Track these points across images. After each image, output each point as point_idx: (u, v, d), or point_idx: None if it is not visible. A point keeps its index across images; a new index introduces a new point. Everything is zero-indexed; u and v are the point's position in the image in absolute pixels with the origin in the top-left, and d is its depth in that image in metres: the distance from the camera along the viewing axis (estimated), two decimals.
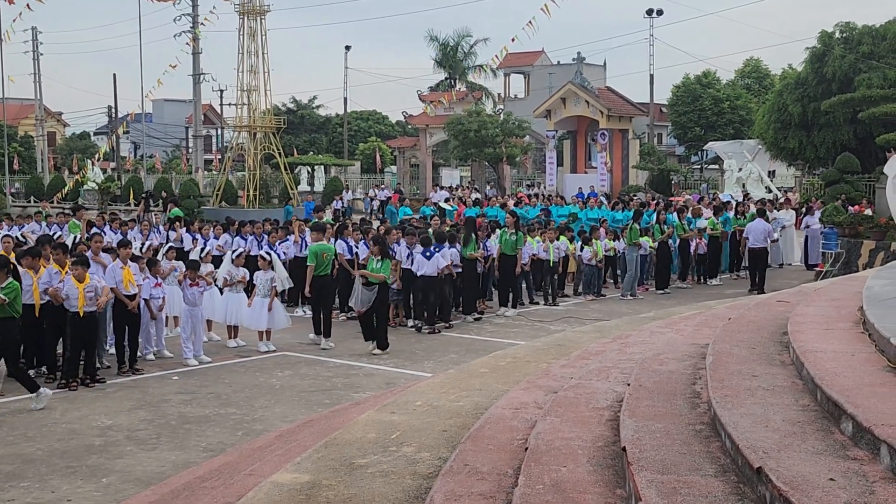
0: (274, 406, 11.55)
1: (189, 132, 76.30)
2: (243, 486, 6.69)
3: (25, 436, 10.19)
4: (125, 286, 13.16)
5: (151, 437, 10.17)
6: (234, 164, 50.53)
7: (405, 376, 13.07)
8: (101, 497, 8.29)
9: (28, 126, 75.93)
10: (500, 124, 46.33)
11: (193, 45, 55.04)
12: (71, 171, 62.86)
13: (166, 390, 12.36)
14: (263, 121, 44.58)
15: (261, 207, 42.16)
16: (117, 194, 50.04)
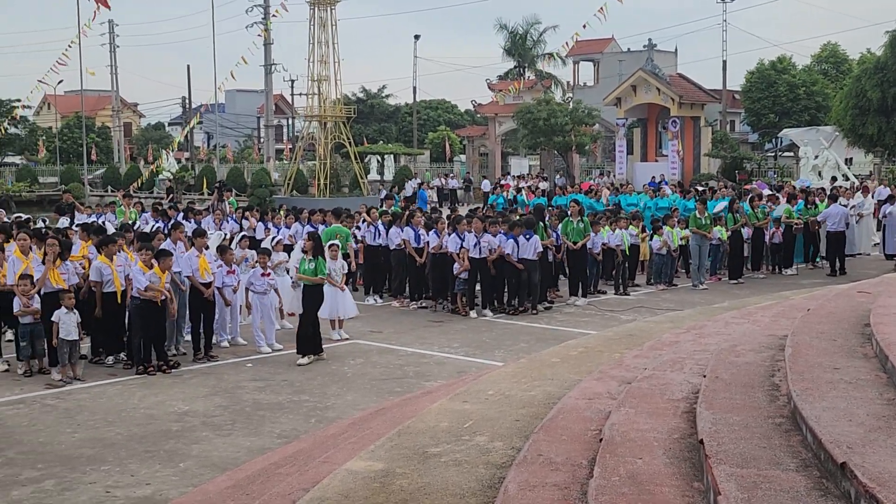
0: (346, 394, 11.65)
1: (261, 122, 77.24)
2: (318, 472, 6.74)
3: (105, 420, 10.43)
4: (201, 274, 13.37)
5: (227, 423, 10.33)
6: (305, 154, 50.99)
7: (475, 365, 13.07)
8: (179, 481, 8.44)
9: (105, 117, 77.62)
10: (570, 112, 45.98)
11: (265, 35, 55.65)
12: (146, 160, 64.06)
13: (241, 377, 12.54)
14: (334, 110, 44.88)
15: (331, 196, 42.49)
16: (191, 184, 50.86)
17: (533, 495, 5.12)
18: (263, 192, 43.40)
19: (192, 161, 63.59)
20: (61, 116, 76.10)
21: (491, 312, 17.28)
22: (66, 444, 9.56)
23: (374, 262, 19.42)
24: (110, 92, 69.49)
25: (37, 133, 75.82)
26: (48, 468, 8.82)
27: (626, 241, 20.18)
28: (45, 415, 10.71)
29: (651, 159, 48.50)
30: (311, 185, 46.57)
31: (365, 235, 19.49)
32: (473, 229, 17.32)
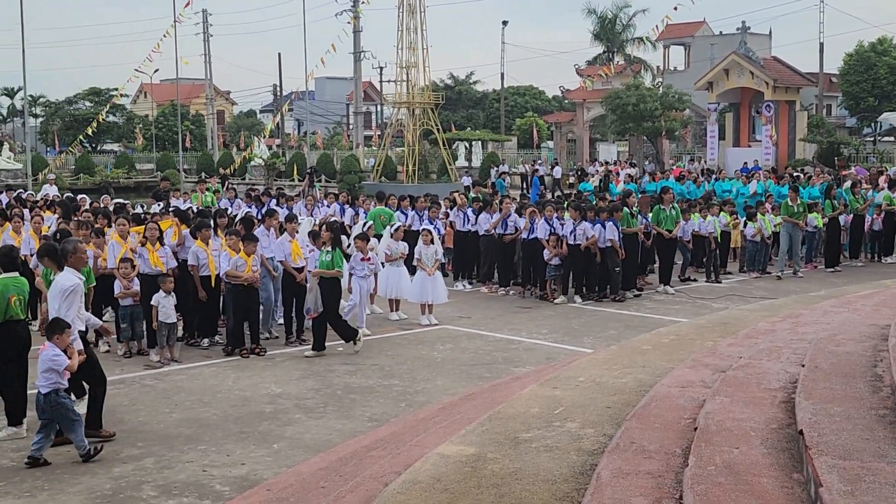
0: (435, 378, 11.72)
1: (350, 109, 77.97)
2: (409, 456, 6.81)
3: (202, 401, 10.68)
4: (294, 259, 13.58)
5: (319, 406, 10.48)
6: (394, 140, 51.32)
7: (564, 352, 13.01)
8: (273, 462, 8.60)
9: (199, 105, 79.23)
10: (660, 97, 45.31)
11: (354, 23, 56.10)
12: (238, 147, 65.24)
13: (332, 361, 12.71)
14: (422, 97, 45.07)
15: (419, 182, 42.72)
16: (282, 170, 51.65)
17: (626, 482, 5.08)
18: (353, 178, 43.87)
19: (283, 148, 64.54)
20: (157, 105, 77.91)
21: (580, 299, 17.19)
22: (165, 424, 9.83)
23: (464, 248, 19.48)
24: (204, 80, 70.87)
25: (134, 121, 77.83)
26: (148, 446, 9.08)
27: (717, 229, 19.84)
28: (145, 395, 11.02)
29: (744, 145, 47.50)
30: (399, 172, 46.88)
31: (454, 221, 19.58)
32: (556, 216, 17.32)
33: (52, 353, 8.60)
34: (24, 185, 38.03)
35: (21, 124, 74.33)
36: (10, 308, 9.38)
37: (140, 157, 64.92)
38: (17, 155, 53.91)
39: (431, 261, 15.56)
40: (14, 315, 9.43)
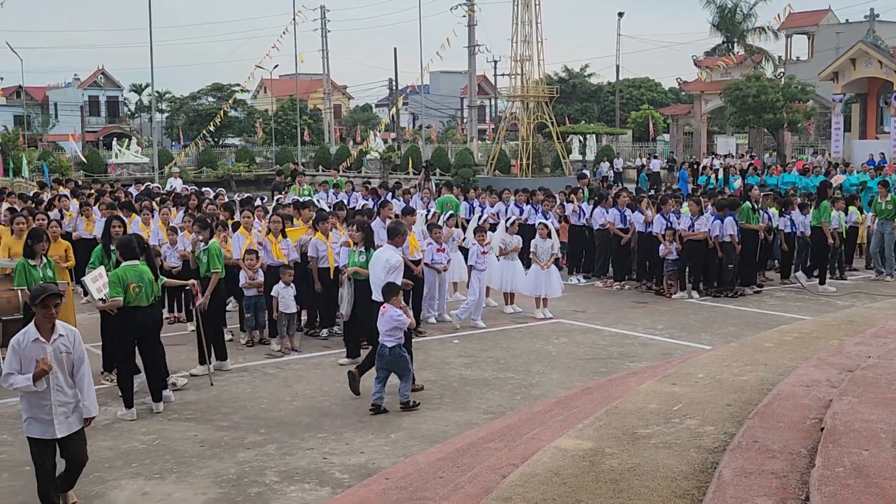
0: (550, 372, 11.71)
1: (464, 103, 78.26)
2: (526, 449, 6.83)
3: (321, 390, 10.93)
4: (411, 251, 13.74)
5: (435, 397, 10.60)
6: (508, 134, 51.29)
7: (681, 348, 12.84)
8: (390, 451, 8.75)
9: (316, 100, 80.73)
10: (782, 89, 44.08)
11: (469, 17, 56.29)
12: (355, 141, 66.24)
13: (447, 353, 12.83)
14: (536, 90, 44.92)
15: (533, 176, 42.61)
16: (397, 163, 52.21)
17: (749, 482, 5.00)
18: (467, 171, 44.06)
19: (399, 141, 65.22)
20: (276, 99, 79.70)
21: (698, 295, 16.92)
22: (286, 412, 10.10)
23: (579, 242, 19.39)
24: (321, 75, 72.25)
25: (254, 116, 79.85)
26: (270, 433, 9.34)
27: (842, 224, 19.19)
28: (266, 383, 11.34)
29: (871, 137, 45.87)
30: (513, 165, 46.85)
31: (569, 215, 19.51)
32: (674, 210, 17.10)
33: (395, 313, 10.03)
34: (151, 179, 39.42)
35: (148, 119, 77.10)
36: (129, 295, 9.87)
37: (260, 150, 66.53)
38: (145, 149, 55.94)
39: (547, 255, 15.54)
40: (132, 302, 9.87)
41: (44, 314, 6.96)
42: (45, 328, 7.00)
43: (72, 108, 78.76)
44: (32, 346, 6.92)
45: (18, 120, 69.15)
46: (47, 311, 6.96)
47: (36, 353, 6.88)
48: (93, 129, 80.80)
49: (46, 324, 7.01)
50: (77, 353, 7.11)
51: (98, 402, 10.14)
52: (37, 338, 6.96)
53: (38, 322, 7.02)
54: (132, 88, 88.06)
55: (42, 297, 6.93)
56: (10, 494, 7.81)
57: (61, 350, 7.00)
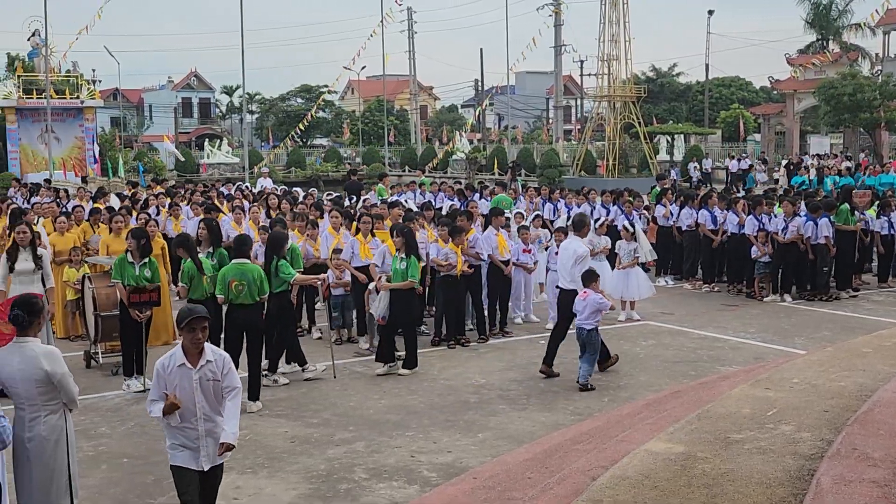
0: (638, 374, 11.59)
1: (550, 103, 77.93)
2: (616, 451, 6.77)
3: (409, 389, 11.00)
4: (500, 252, 13.74)
5: (522, 398, 10.59)
6: (594, 134, 50.91)
7: (774, 352, 12.58)
8: (478, 451, 8.77)
9: (403, 100, 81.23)
10: (879, 87, 42.82)
11: (555, 16, 56.00)
12: (441, 141, 66.48)
13: (534, 353, 12.78)
14: (624, 90, 44.52)
15: (619, 177, 42.23)
16: (483, 164, 52.25)
17: (849, 490, 4.87)
18: (552, 172, 43.89)
19: (484, 142, 65.27)
20: (363, 100, 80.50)
21: (790, 298, 16.55)
22: (374, 410, 10.19)
23: (666, 244, 19.14)
24: (408, 76, 72.63)
25: (342, 116, 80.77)
26: (358, 430, 9.44)
27: None
28: (355, 381, 11.46)
29: None
30: (599, 166, 46.49)
31: (658, 216, 19.28)
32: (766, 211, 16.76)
33: (597, 297, 11.06)
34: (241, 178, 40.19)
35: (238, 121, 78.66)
36: (231, 293, 10.11)
37: (347, 151, 67.25)
38: (235, 149, 57.04)
39: (629, 257, 15.38)
40: (235, 300, 10.08)
41: (190, 339, 6.36)
42: (192, 353, 6.40)
43: (165, 110, 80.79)
44: (178, 372, 6.34)
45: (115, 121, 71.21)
46: (193, 336, 6.34)
47: (182, 379, 6.32)
48: (185, 130, 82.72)
49: (193, 349, 6.40)
50: (227, 380, 6.46)
51: None
52: (183, 363, 6.36)
53: (184, 346, 6.42)
54: (223, 90, 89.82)
55: (188, 319, 6.34)
56: (109, 485, 8.04)
57: (208, 377, 6.39)
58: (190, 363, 6.37)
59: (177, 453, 6.47)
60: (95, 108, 44.66)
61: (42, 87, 40.44)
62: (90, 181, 35.52)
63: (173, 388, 6.30)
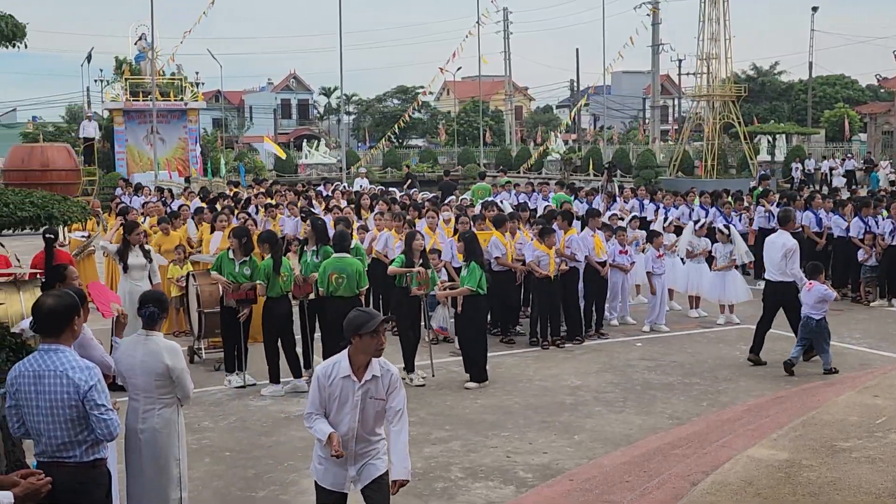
0: (738, 379, 11.37)
1: (646, 103, 76.97)
2: (717, 457, 6.68)
3: (504, 389, 11.00)
4: (597, 253, 13.64)
5: (618, 400, 10.49)
6: (692, 134, 50.08)
7: (882, 358, 12.22)
8: (574, 452, 8.72)
9: (498, 101, 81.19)
10: None
11: (653, 15, 55.29)
12: (535, 142, 66.25)
13: (630, 356, 12.66)
14: (723, 89, 43.68)
15: (718, 178, 41.43)
16: (578, 164, 51.88)
17: None
18: (649, 173, 43.33)
19: (579, 142, 64.83)
20: (459, 101, 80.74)
21: None
22: (470, 409, 10.22)
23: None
24: (503, 77, 72.59)
25: (437, 117, 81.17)
26: (454, 430, 9.48)
27: None
28: (451, 380, 11.49)
29: None
30: (696, 167, 45.71)
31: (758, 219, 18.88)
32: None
33: (822, 288, 11.55)
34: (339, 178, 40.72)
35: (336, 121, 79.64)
36: (330, 285, 10.52)
37: (442, 151, 67.54)
38: (333, 150, 57.82)
39: (725, 259, 15.09)
40: (335, 292, 10.47)
41: (375, 344, 5.59)
42: (359, 363, 5.64)
43: (265, 111, 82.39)
44: (340, 384, 5.65)
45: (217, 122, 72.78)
46: (377, 342, 5.59)
47: (343, 392, 5.63)
48: (284, 131, 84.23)
49: (363, 358, 5.63)
50: (393, 400, 5.72)
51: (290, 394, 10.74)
52: (348, 374, 5.63)
53: (352, 353, 5.64)
54: (321, 91, 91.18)
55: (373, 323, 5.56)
56: (212, 478, 8.24)
57: (371, 394, 5.68)
58: (356, 375, 5.65)
59: (321, 472, 5.87)
60: (198, 109, 45.74)
61: (148, 89, 41.60)
62: (193, 181, 36.44)
63: (332, 401, 5.67)
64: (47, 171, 19.99)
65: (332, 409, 5.67)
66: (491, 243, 13.74)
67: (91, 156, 39.82)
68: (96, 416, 5.05)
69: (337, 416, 5.66)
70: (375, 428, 5.78)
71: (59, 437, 5.10)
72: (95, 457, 5.21)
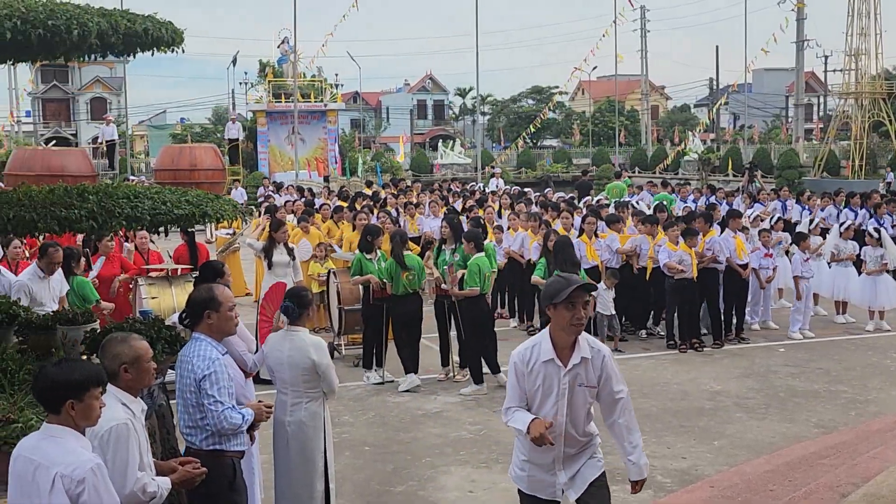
0: (889, 388, 10.92)
1: (789, 101, 74.58)
2: (867, 468, 6.45)
3: (641, 392, 10.86)
4: (738, 255, 13.32)
5: (760, 407, 10.22)
6: (838, 133, 48.29)
7: None
8: (713, 458, 8.54)
9: (634, 100, 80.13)
10: None
11: (798, 10, 53.50)
12: (672, 142, 65.08)
13: (773, 361, 12.32)
14: (872, 86, 41.98)
15: (866, 178, 39.83)
16: (716, 165, 50.71)
17: None
18: (792, 173, 41.99)
19: (718, 142, 63.32)
20: (593, 101, 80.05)
21: None
22: None
23: None
24: (640, 76, 71.55)
25: (571, 117, 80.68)
26: None
27: None
28: None
29: None
30: (843, 167, 44.06)
31: None
32: None
33: None
34: (473, 179, 40.96)
35: (471, 122, 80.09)
36: (402, 282, 11.01)
37: (576, 151, 67.10)
38: (467, 150, 58.17)
39: (876, 263, 14.50)
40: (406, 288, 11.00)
41: (569, 318, 4.67)
42: (563, 343, 4.74)
43: (402, 112, 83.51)
44: (542, 369, 4.78)
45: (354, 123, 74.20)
46: (574, 315, 4.68)
47: (546, 380, 4.77)
48: (420, 132, 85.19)
49: (565, 337, 4.72)
50: (612, 386, 4.82)
51: (427, 391, 10.89)
52: (551, 358, 4.75)
53: (553, 330, 4.76)
54: (457, 92, 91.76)
55: (567, 291, 4.64)
56: (352, 471, 8.42)
57: (581, 381, 4.77)
58: (560, 359, 4.75)
59: (523, 474, 5.02)
60: (337, 110, 46.78)
61: (290, 91, 42.79)
62: (332, 180, 37.29)
63: (535, 391, 4.80)
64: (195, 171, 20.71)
65: (535, 402, 4.78)
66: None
67: (236, 156, 41.21)
68: (206, 405, 5.26)
69: (539, 410, 4.78)
70: (587, 425, 4.90)
71: (185, 421, 5.40)
72: (215, 447, 5.38)
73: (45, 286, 9.17)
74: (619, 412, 4.80)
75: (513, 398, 4.87)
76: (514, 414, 4.83)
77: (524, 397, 4.81)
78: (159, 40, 6.27)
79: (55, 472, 3.79)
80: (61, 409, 3.93)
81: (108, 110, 63.82)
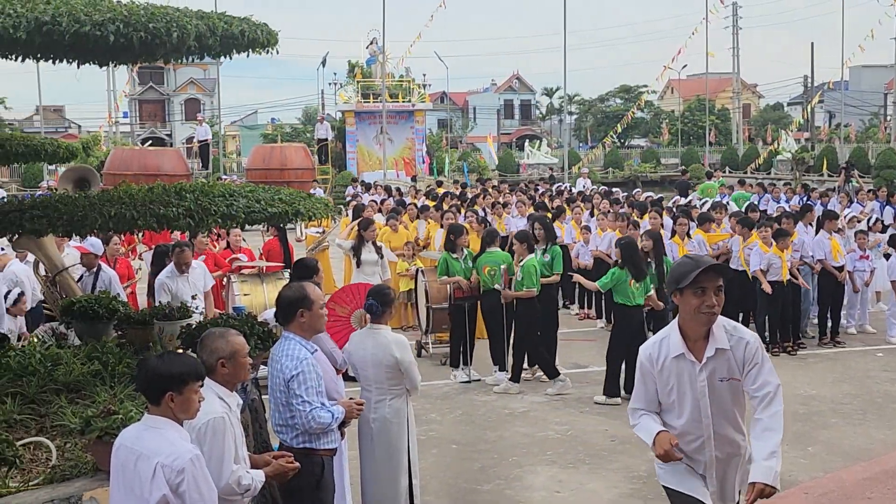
0: None
1: (888, 99, 72.42)
2: None
3: None
4: (833, 257, 13.00)
5: (856, 412, 9.96)
6: None
7: None
8: (807, 465, 8.35)
9: (725, 99, 78.83)
10: None
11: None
12: (764, 141, 63.75)
13: (870, 366, 12.00)
14: None
15: None
16: (810, 164, 49.54)
17: None
18: (891, 173, 40.75)
19: (812, 141, 61.81)
20: (683, 100, 78.91)
21: None
22: None
23: None
24: (731, 74, 70.32)
25: (660, 116, 79.67)
26: None
27: None
28: None
29: None
30: None
31: None
32: None
33: None
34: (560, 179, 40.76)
35: (558, 122, 79.77)
36: (484, 276, 11.14)
37: (665, 151, 66.22)
38: (554, 150, 57.92)
39: None
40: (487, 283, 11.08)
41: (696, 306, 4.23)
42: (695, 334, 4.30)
43: (489, 112, 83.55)
44: (673, 366, 4.37)
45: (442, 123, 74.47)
46: (702, 302, 4.23)
47: (681, 377, 4.36)
48: (506, 132, 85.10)
49: (696, 327, 4.28)
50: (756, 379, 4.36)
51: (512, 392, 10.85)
52: (681, 353, 4.33)
53: (682, 321, 4.34)
54: (544, 92, 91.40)
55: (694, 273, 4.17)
56: (439, 469, 8.46)
57: (722, 376, 4.34)
58: (693, 354, 4.30)
59: (674, 471, 4.52)
60: (425, 110, 47.03)
61: (378, 91, 43.17)
62: (419, 180, 37.50)
63: (668, 391, 4.37)
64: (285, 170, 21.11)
65: (673, 405, 4.34)
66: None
67: (325, 155, 41.74)
68: (294, 404, 5.35)
69: (678, 411, 4.33)
70: (741, 422, 4.42)
71: (276, 418, 5.51)
72: (305, 445, 5.46)
73: (183, 282, 9.96)
74: (762, 407, 4.23)
75: (638, 398, 4.51)
76: (640, 419, 4.46)
77: (653, 400, 4.42)
78: (255, 42, 6.40)
79: (156, 461, 3.88)
80: (162, 400, 4.01)
81: (201, 111, 65.30)
